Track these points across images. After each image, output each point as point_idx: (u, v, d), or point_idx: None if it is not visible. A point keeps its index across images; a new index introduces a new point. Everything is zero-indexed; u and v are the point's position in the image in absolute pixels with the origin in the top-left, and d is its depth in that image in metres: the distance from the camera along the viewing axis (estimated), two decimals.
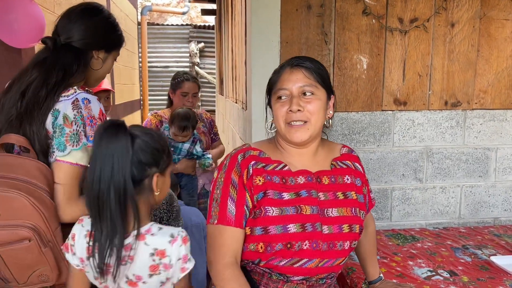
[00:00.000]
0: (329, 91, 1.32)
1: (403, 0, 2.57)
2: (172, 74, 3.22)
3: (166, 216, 1.70)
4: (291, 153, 1.32)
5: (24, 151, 1.29)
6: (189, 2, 9.29)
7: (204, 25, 10.29)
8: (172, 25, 10.52)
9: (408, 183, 2.71)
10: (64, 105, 1.29)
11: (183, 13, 10.19)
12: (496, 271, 1.90)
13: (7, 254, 1.19)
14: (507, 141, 2.74)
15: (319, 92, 1.28)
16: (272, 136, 1.40)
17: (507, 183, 2.78)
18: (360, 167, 1.41)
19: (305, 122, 1.25)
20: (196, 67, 9.77)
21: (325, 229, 1.23)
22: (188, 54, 9.80)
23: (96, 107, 1.33)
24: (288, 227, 1.19)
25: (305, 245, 1.20)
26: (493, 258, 1.99)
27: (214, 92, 8.85)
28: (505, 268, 1.89)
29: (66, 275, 1.27)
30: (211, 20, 11.74)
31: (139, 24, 8.54)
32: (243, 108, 3.24)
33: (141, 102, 8.34)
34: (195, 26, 10.18)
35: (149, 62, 9.08)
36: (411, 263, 2.00)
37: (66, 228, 1.29)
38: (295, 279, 1.24)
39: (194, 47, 9.75)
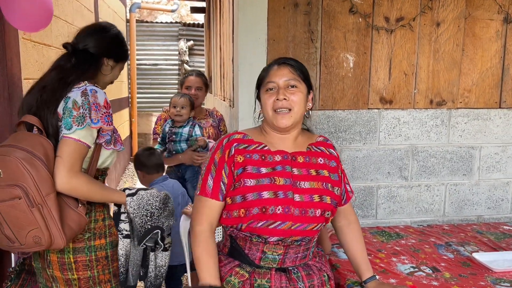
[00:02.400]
0: (309, 87, 1.55)
1: None
2: (161, 72, 3.29)
3: (157, 212, 1.71)
4: (274, 138, 1.53)
5: (40, 132, 1.52)
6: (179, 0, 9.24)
7: (194, 23, 10.24)
8: (161, 22, 10.45)
9: (394, 181, 2.73)
10: (74, 93, 1.53)
11: (173, 11, 10.10)
12: (478, 267, 1.93)
13: (4, 211, 1.42)
14: (490, 140, 2.78)
15: (301, 86, 1.50)
16: (259, 125, 1.61)
17: (490, 181, 2.82)
18: (334, 152, 1.60)
19: (289, 110, 1.47)
20: (185, 65, 9.73)
21: (297, 197, 1.43)
22: (177, 52, 9.75)
23: (102, 96, 1.58)
24: (262, 194, 1.40)
25: (278, 209, 1.40)
26: (475, 255, 2.01)
27: None
28: (487, 265, 1.92)
29: (60, 242, 1.45)
30: (200, 18, 11.69)
31: (127, 21, 8.47)
32: (230, 105, 3.24)
33: (129, 99, 8.27)
34: (184, 24, 10.13)
35: (137, 59, 9.00)
36: (394, 259, 2.02)
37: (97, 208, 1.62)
38: (272, 240, 1.43)
39: (183, 45, 9.70)
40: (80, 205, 1.55)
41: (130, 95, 8.26)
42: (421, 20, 2.63)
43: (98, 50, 1.68)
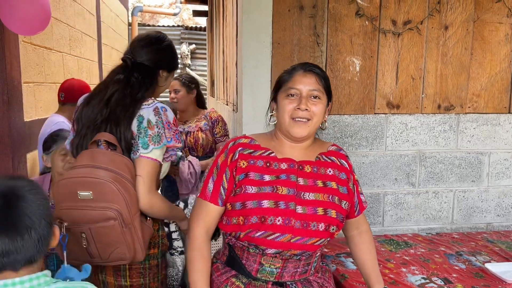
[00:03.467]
0: (329, 98, 1.49)
1: (396, 2, 2.53)
2: None
3: None
4: (284, 145, 1.47)
5: (111, 148, 1.53)
6: (181, 3, 9.21)
7: (196, 27, 10.22)
8: (163, 26, 10.45)
9: (401, 187, 2.67)
10: (147, 112, 1.56)
11: (175, 14, 10.11)
12: (491, 279, 1.86)
13: (95, 231, 1.43)
14: (500, 145, 2.72)
15: (323, 97, 1.44)
16: (271, 130, 1.54)
17: (500, 188, 2.75)
18: (346, 164, 1.52)
19: (308, 120, 1.41)
20: (187, 68, 9.70)
21: (299, 209, 1.36)
22: (179, 56, 9.73)
23: (171, 114, 1.62)
24: (262, 203, 1.35)
25: (278, 220, 1.34)
26: (487, 265, 1.95)
27: (205, 94, 8.77)
28: (500, 276, 1.85)
29: (141, 256, 1.50)
30: (202, 21, 11.67)
31: (130, 25, 8.45)
32: (233, 110, 3.18)
33: None
34: (187, 28, 10.11)
35: None
36: (404, 270, 1.95)
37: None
38: (269, 252, 1.37)
39: (185, 48, 9.68)
40: (148, 218, 1.60)
41: None
42: (429, 23, 2.57)
43: (154, 63, 1.69)
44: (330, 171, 1.46)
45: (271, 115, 1.51)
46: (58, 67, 3.64)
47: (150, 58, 1.68)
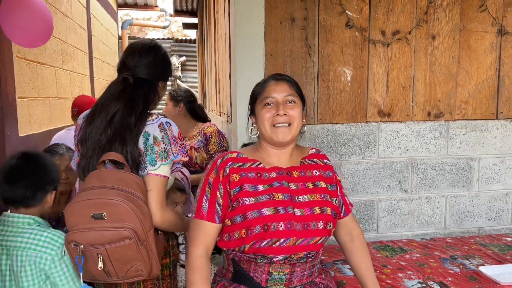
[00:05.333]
0: (303, 103, 1.54)
1: (385, 13, 2.60)
2: None
3: None
4: (269, 154, 1.51)
5: (118, 167, 1.54)
6: (170, 16, 9.27)
7: (186, 39, 10.28)
8: (153, 39, 10.47)
9: (394, 194, 2.71)
10: (152, 128, 1.57)
11: (164, 27, 10.15)
12: (485, 281, 1.90)
13: (112, 251, 1.45)
14: (489, 151, 2.78)
15: (298, 101, 1.50)
16: (256, 142, 1.58)
17: (490, 192, 2.81)
18: (328, 162, 1.59)
19: (289, 124, 1.46)
20: (177, 80, 9.73)
21: (297, 212, 1.40)
22: None
23: (176, 129, 1.63)
24: (263, 211, 1.37)
25: (280, 226, 1.36)
26: (481, 268, 1.99)
27: None
28: (494, 278, 1.89)
29: (157, 271, 1.52)
30: (192, 34, 11.74)
31: (119, 38, 8.48)
32: (227, 120, 3.22)
33: None
34: (177, 40, 10.17)
35: None
36: (400, 275, 1.99)
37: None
38: (277, 259, 1.38)
39: (175, 60, 9.72)
40: (160, 232, 1.61)
41: None
42: (416, 33, 2.65)
43: (154, 76, 1.69)
44: (316, 172, 1.52)
45: (251, 129, 1.56)
46: (51, 82, 3.65)
47: (150, 72, 1.67)
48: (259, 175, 1.45)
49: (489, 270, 1.97)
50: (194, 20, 8.53)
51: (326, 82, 2.59)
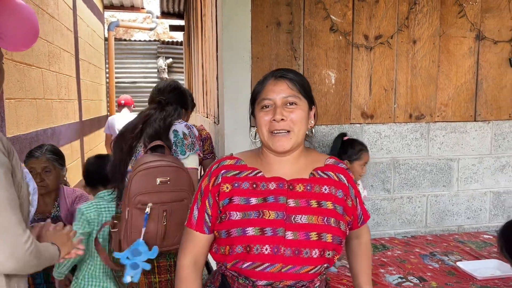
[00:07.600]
0: (311, 102, 1.35)
1: (368, 18, 2.68)
2: (140, 89, 3.26)
3: None
4: (271, 161, 1.34)
5: (161, 150, 1.98)
6: (157, 18, 9.27)
7: (172, 41, 10.28)
8: (140, 40, 10.46)
9: (377, 193, 2.79)
10: (180, 127, 2.06)
11: (151, 29, 10.13)
12: (462, 276, 1.99)
13: (172, 209, 1.80)
14: (467, 151, 2.88)
15: (302, 102, 1.30)
16: (260, 146, 1.41)
17: (469, 191, 2.91)
18: (345, 179, 1.36)
19: (288, 131, 1.28)
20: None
21: (289, 235, 1.22)
22: (156, 70, 9.76)
23: (195, 131, 2.11)
24: (247, 230, 1.22)
25: (266, 249, 1.21)
26: (459, 264, 2.07)
27: None
28: (471, 273, 1.98)
29: None
30: (178, 36, 11.75)
31: (106, 39, 8.45)
32: (215, 122, 3.26)
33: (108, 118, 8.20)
34: (163, 42, 10.16)
35: (116, 77, 8.96)
36: (382, 270, 2.06)
37: None
38: (260, 283, 1.23)
39: (162, 62, 9.72)
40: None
41: (109, 113, 8.19)
42: (398, 37, 2.73)
43: (176, 102, 2.22)
44: (325, 189, 1.31)
45: (255, 131, 1.40)
46: (38, 83, 3.65)
47: (173, 100, 2.21)
48: (254, 185, 1.29)
49: (466, 265, 2.06)
50: (181, 22, 8.56)
51: (311, 84, 2.62)
